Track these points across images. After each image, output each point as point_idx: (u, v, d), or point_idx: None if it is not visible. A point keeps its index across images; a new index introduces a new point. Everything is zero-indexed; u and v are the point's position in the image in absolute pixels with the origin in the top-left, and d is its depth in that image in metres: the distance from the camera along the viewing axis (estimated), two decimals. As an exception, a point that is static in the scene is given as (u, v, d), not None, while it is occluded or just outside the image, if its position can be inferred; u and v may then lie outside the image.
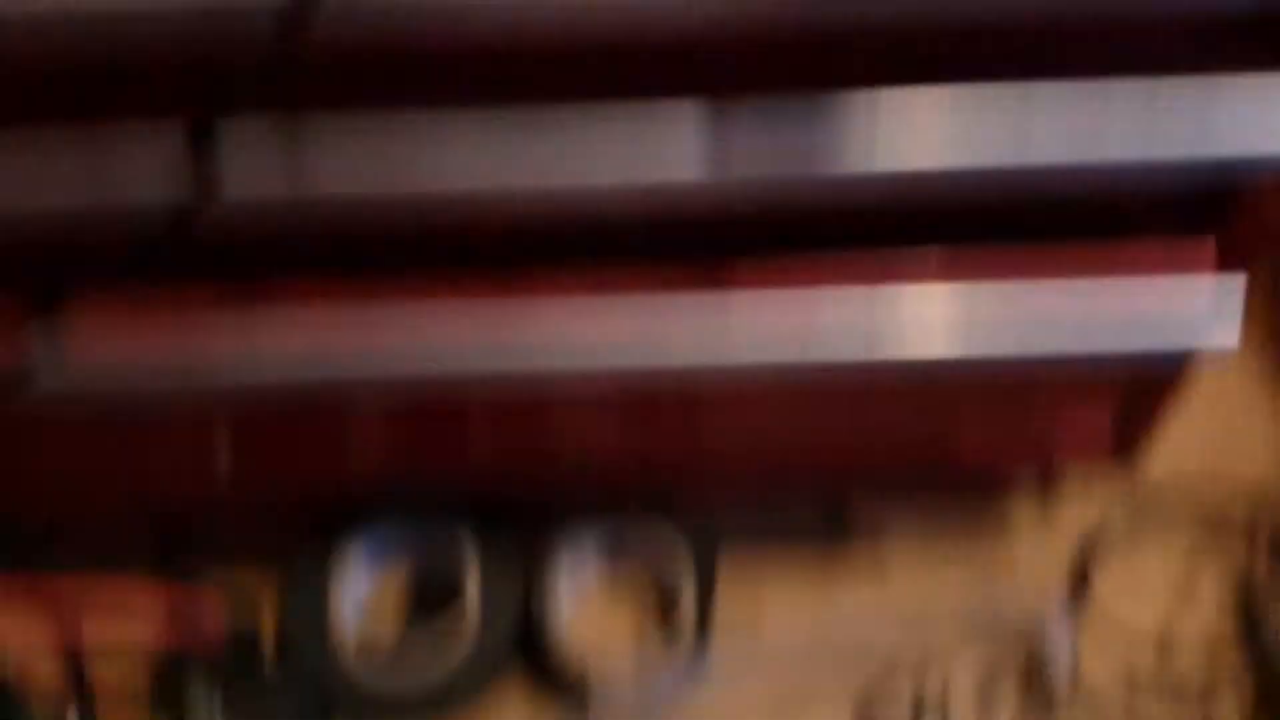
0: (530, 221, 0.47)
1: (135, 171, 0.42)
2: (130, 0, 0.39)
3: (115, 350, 0.46)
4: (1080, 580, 0.60)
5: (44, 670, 0.53)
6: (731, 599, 0.58)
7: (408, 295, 0.47)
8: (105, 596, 0.49)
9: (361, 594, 0.56)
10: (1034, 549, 0.61)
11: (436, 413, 0.54)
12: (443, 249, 0.47)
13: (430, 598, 0.57)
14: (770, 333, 0.49)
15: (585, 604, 0.57)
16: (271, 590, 0.55)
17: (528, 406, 0.55)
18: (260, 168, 0.43)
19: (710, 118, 0.44)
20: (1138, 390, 0.57)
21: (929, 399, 0.57)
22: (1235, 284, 0.50)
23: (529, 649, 0.55)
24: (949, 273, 0.49)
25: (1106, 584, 0.60)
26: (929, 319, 0.49)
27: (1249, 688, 0.58)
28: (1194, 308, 0.50)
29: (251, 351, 0.46)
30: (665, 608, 0.58)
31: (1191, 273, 0.50)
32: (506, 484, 0.57)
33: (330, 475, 0.56)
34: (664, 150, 0.44)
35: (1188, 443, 0.63)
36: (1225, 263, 0.50)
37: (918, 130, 0.45)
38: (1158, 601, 0.60)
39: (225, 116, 0.41)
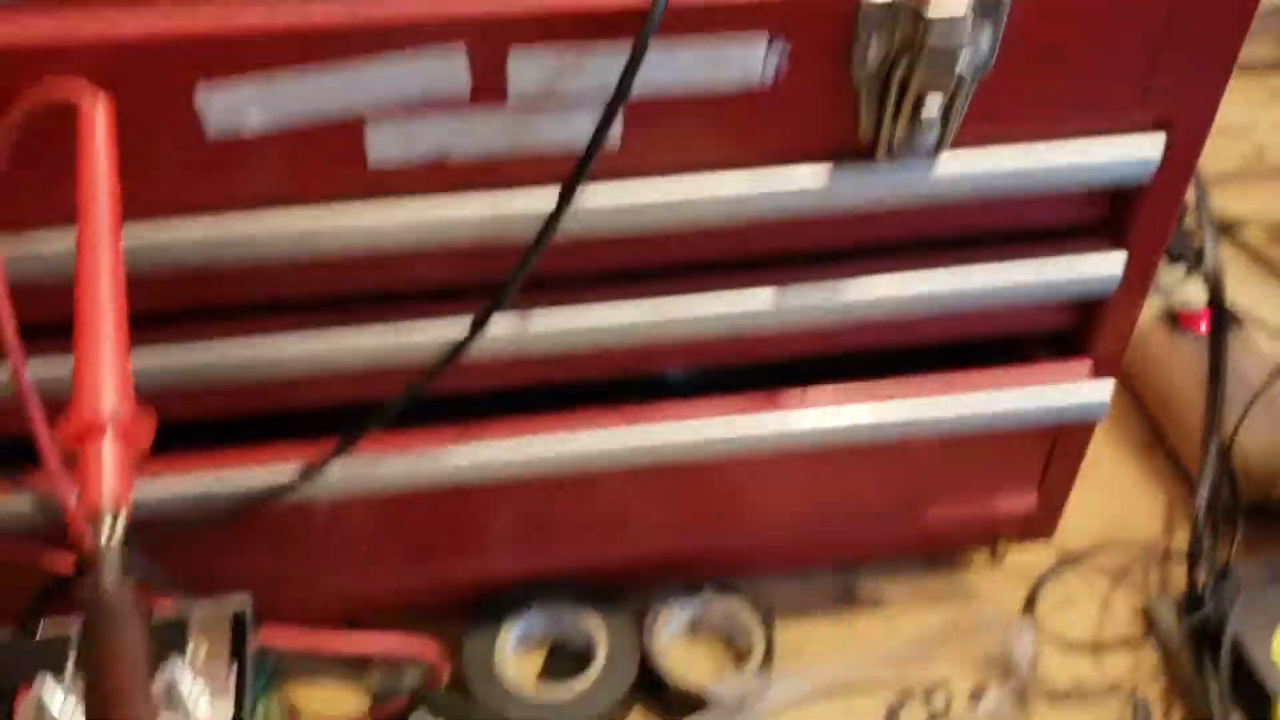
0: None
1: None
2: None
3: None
4: (1029, 604, 0.75)
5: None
6: (783, 650, 0.72)
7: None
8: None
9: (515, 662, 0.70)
10: (989, 587, 0.76)
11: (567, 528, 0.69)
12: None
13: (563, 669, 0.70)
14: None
15: (682, 657, 0.71)
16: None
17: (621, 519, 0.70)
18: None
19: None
20: (1050, 482, 0.72)
21: (908, 503, 0.72)
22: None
23: (644, 690, 0.69)
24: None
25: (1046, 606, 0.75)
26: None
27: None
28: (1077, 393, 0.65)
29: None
30: (736, 661, 0.72)
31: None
32: (620, 577, 0.72)
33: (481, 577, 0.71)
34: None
35: (1088, 514, 0.79)
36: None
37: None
38: (1087, 615, 0.75)
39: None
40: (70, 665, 0.50)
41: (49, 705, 0.48)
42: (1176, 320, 0.85)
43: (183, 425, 0.55)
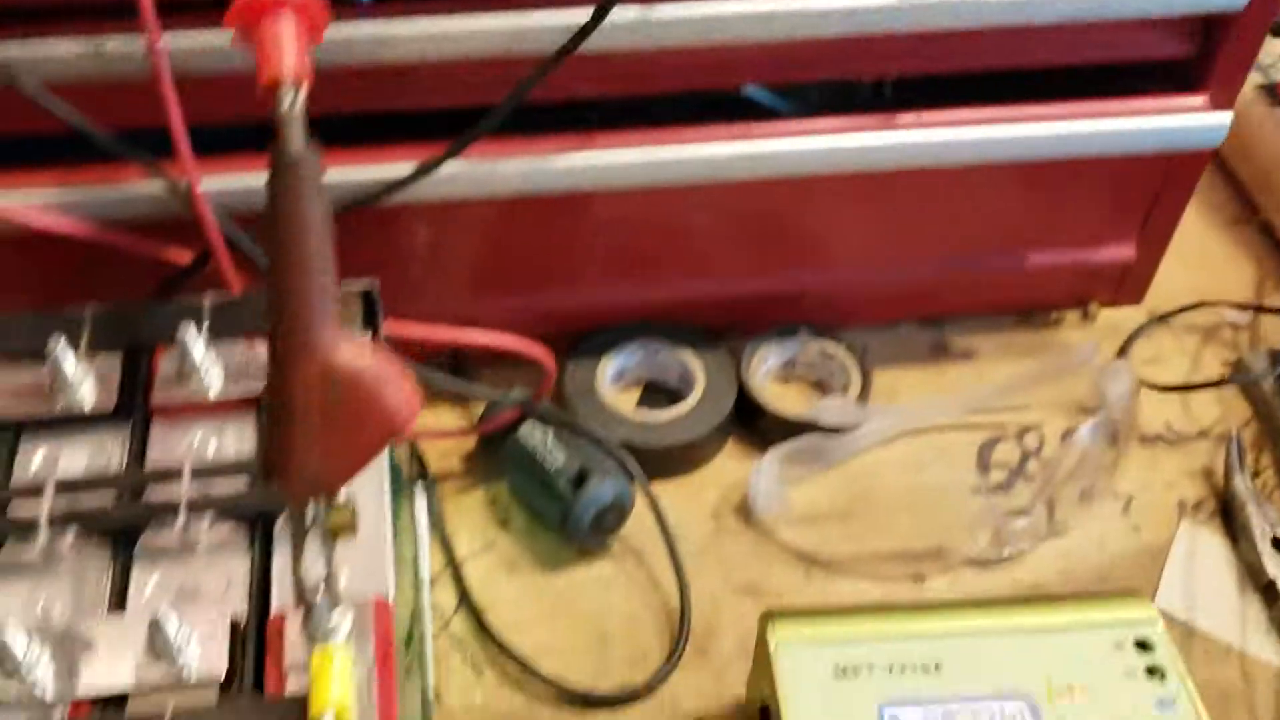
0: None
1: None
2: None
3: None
4: (1122, 351, 0.75)
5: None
6: (875, 394, 0.72)
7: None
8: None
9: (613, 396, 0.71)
10: (1081, 343, 0.75)
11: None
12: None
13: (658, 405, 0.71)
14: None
15: (777, 396, 0.72)
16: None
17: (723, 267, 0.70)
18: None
19: None
20: (1150, 232, 0.71)
21: (1011, 249, 0.71)
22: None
23: (739, 425, 0.70)
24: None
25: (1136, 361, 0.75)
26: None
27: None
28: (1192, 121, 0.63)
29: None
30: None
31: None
32: (717, 318, 0.72)
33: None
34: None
35: (1177, 281, 0.78)
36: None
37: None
38: (1176, 370, 0.75)
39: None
40: (207, 323, 0.50)
41: (191, 350, 0.48)
42: (1275, 92, 0.83)
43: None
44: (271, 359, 0.36)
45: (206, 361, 0.49)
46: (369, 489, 0.46)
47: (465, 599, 0.62)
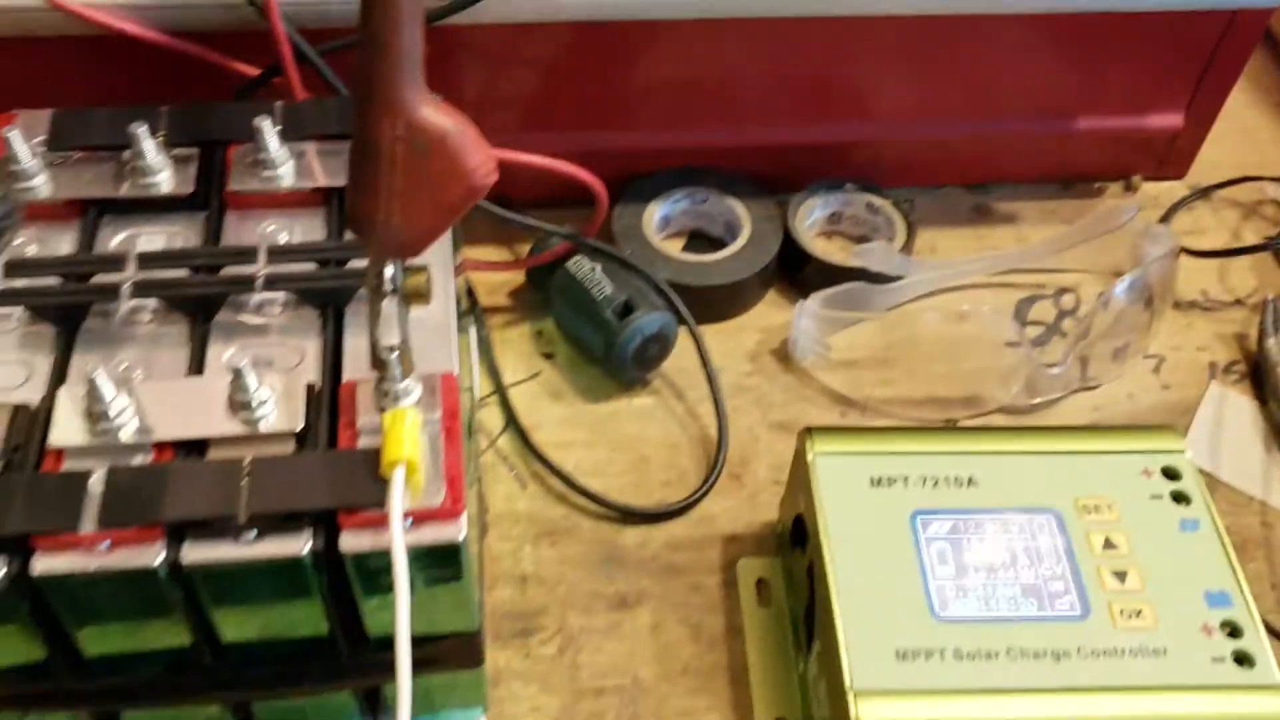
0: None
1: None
2: None
3: None
4: (1162, 221, 0.76)
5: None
6: (916, 249, 0.74)
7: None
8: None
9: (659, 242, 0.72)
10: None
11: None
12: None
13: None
14: None
15: (822, 248, 0.73)
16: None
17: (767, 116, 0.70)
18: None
19: None
20: (1191, 113, 0.72)
21: (1051, 126, 0.72)
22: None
23: (782, 276, 0.72)
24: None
25: (1176, 232, 0.76)
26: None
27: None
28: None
29: None
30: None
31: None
32: (764, 165, 0.73)
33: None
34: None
35: (1222, 159, 0.79)
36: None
37: None
38: (1215, 242, 0.76)
39: None
40: (280, 125, 0.52)
41: (267, 140, 0.50)
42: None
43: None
44: (358, 113, 0.37)
45: (280, 155, 0.51)
46: (438, 266, 0.48)
47: (512, 420, 0.65)
